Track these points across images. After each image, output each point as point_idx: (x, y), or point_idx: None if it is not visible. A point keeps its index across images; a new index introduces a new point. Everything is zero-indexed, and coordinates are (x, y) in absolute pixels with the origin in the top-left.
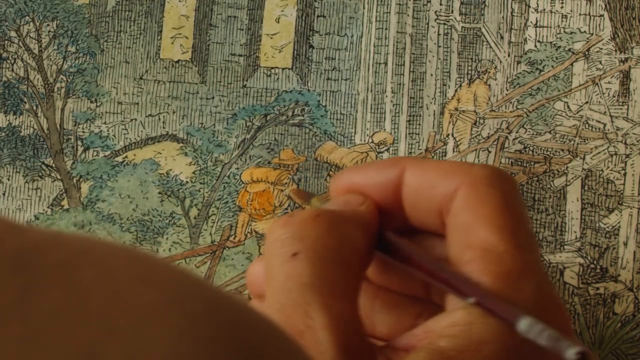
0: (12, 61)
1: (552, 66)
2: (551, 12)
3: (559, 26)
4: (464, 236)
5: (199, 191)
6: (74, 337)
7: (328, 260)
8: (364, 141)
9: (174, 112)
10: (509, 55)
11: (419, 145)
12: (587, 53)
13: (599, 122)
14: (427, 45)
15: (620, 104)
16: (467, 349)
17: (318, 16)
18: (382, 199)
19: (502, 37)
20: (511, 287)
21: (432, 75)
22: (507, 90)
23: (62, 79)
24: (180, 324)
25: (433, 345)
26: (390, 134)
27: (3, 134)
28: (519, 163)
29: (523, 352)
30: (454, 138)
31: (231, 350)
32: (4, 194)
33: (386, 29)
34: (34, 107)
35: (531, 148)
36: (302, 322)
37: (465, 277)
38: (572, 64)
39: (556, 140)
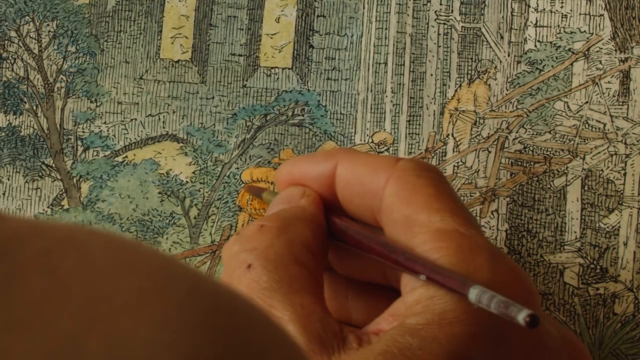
0: (12, 61)
1: (552, 66)
2: (551, 11)
3: (559, 26)
4: (406, 228)
5: (199, 191)
6: (55, 327)
7: (280, 263)
8: (364, 141)
9: (174, 112)
10: (509, 55)
11: (419, 146)
12: (587, 53)
13: (599, 122)
14: (427, 45)
15: (620, 103)
16: (432, 320)
17: (318, 16)
18: (321, 191)
19: (502, 37)
20: (465, 260)
21: (432, 75)
22: (507, 90)
23: (62, 79)
24: (164, 311)
25: (401, 324)
26: (390, 134)
27: (3, 134)
28: (519, 163)
29: (488, 318)
30: (454, 138)
31: (216, 335)
32: (3, 194)
33: (386, 29)
34: (34, 107)
35: (531, 148)
36: None
37: (415, 255)
38: (572, 64)
39: (556, 140)
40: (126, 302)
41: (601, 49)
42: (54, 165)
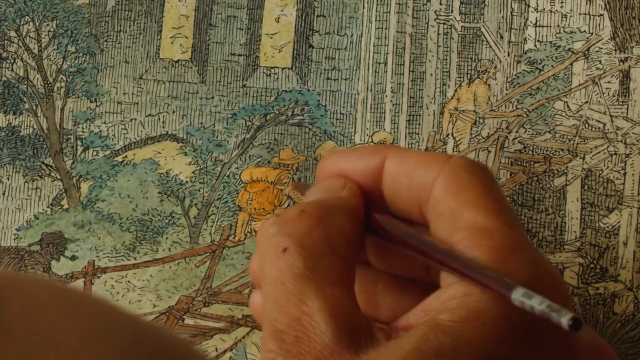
0: (12, 61)
1: (552, 66)
2: (551, 11)
3: (558, 26)
4: (450, 222)
5: (199, 191)
6: None
7: (317, 251)
8: (364, 141)
9: (173, 112)
10: (508, 55)
11: (418, 145)
12: (586, 52)
13: (599, 121)
14: (426, 45)
15: (620, 103)
16: (466, 319)
17: (318, 16)
18: (365, 185)
19: (501, 37)
20: (505, 260)
21: (431, 75)
22: (507, 90)
23: (61, 78)
24: (108, 357)
25: (433, 320)
26: (390, 133)
27: (3, 133)
28: (519, 163)
29: (522, 320)
30: (454, 138)
31: None
32: (3, 194)
33: (386, 29)
34: (34, 107)
35: (531, 148)
36: (297, 309)
37: (457, 253)
38: (572, 64)
39: (556, 140)
40: (70, 348)
41: (601, 48)
42: (53, 165)
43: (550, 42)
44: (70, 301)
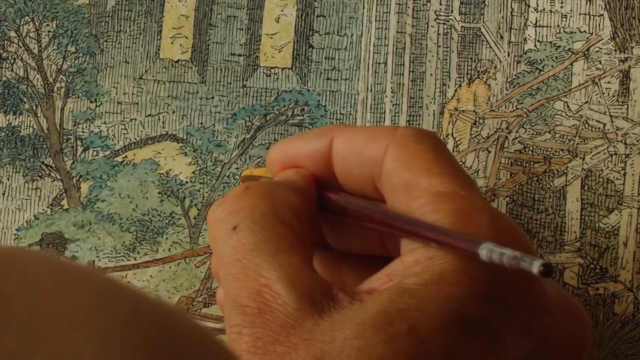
0: (12, 61)
1: (552, 66)
2: (551, 11)
3: (558, 26)
4: (406, 192)
5: (199, 191)
6: None
7: (267, 223)
8: None
9: (173, 112)
10: (508, 55)
11: None
12: (586, 53)
13: (599, 122)
14: (426, 45)
15: (620, 103)
16: (431, 281)
17: (318, 16)
18: (316, 169)
19: (501, 37)
20: (466, 221)
21: (431, 75)
22: (507, 90)
23: (61, 78)
24: (108, 329)
25: (398, 285)
26: None
27: (3, 134)
28: (519, 163)
29: (487, 279)
30: (454, 138)
31: (159, 353)
32: (3, 194)
33: (386, 29)
34: (34, 107)
35: (531, 148)
36: (256, 282)
37: (417, 219)
38: (571, 64)
39: (556, 140)
40: (70, 321)
41: (601, 49)
42: (53, 165)
43: (550, 42)
44: (68, 275)
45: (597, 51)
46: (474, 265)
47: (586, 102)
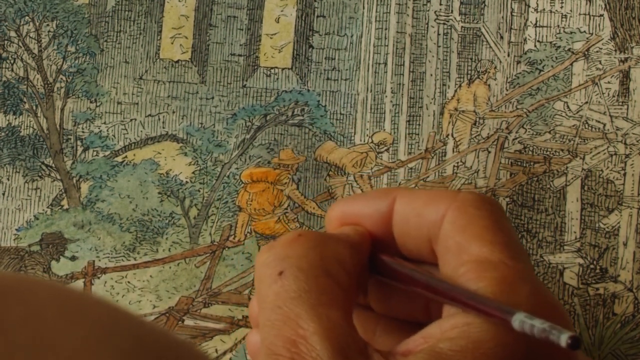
0: (12, 61)
1: (552, 66)
2: (551, 11)
3: (558, 26)
4: (456, 256)
5: (199, 191)
6: None
7: (313, 274)
8: (364, 141)
9: (173, 112)
10: (508, 55)
11: (418, 146)
12: (586, 53)
13: (599, 122)
14: (426, 45)
15: (620, 104)
16: (466, 348)
17: (318, 16)
18: (375, 230)
19: (501, 37)
20: (507, 291)
21: (431, 75)
22: (507, 90)
23: (61, 78)
24: None
25: (432, 348)
26: (390, 134)
27: (3, 134)
28: (519, 163)
29: (522, 350)
30: (454, 138)
31: None
32: (3, 194)
33: (386, 29)
34: (34, 107)
35: (531, 148)
36: (293, 332)
37: (459, 285)
38: (571, 64)
39: (556, 140)
40: (74, 353)
41: (601, 49)
42: (53, 165)
43: (550, 42)
44: (72, 304)
45: (597, 51)
46: (511, 337)
47: (586, 102)
